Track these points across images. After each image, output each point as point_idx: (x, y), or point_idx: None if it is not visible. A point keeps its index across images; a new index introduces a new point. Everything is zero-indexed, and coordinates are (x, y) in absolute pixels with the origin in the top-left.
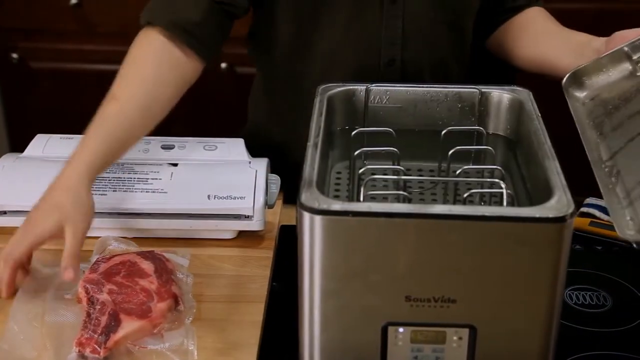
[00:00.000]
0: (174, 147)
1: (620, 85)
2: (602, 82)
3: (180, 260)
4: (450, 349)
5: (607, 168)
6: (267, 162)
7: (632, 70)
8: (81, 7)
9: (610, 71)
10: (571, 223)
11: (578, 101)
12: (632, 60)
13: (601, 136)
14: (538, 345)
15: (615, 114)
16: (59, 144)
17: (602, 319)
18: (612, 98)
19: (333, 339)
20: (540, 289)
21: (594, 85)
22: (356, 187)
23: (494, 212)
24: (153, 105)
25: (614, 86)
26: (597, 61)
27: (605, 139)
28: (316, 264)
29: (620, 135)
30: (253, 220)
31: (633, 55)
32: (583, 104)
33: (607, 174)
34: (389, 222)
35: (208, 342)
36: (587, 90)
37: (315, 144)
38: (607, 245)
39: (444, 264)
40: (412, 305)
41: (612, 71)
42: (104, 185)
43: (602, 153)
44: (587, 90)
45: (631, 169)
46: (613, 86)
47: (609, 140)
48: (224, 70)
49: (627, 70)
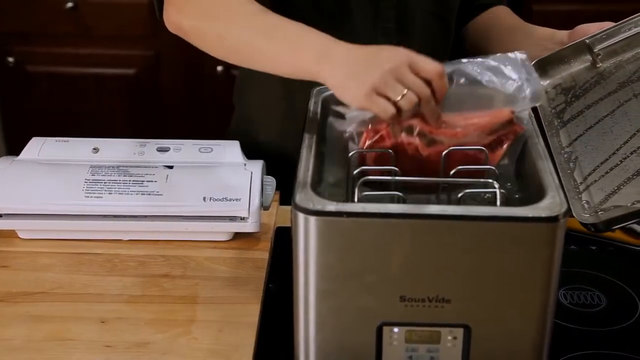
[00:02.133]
0: (170, 150)
1: (581, 75)
2: (564, 72)
3: None
4: (445, 349)
5: (566, 154)
6: (263, 164)
7: (592, 62)
8: (77, 10)
9: (572, 62)
10: (564, 222)
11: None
12: (593, 53)
13: (561, 123)
14: (532, 344)
15: (575, 102)
16: (55, 147)
17: (597, 319)
18: (573, 87)
19: (328, 340)
20: (534, 289)
21: (557, 75)
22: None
23: (488, 212)
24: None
25: (575, 76)
26: (560, 52)
27: (565, 126)
28: (311, 265)
29: (580, 123)
30: (248, 222)
31: (594, 48)
32: (546, 91)
33: (566, 159)
34: (383, 223)
35: (204, 343)
36: (550, 79)
37: (310, 145)
38: (602, 245)
39: (438, 264)
40: (407, 306)
41: (574, 62)
42: (100, 188)
43: (562, 139)
44: (550, 79)
45: (588, 156)
46: (574, 76)
47: (569, 127)
48: (220, 73)
49: (588, 61)
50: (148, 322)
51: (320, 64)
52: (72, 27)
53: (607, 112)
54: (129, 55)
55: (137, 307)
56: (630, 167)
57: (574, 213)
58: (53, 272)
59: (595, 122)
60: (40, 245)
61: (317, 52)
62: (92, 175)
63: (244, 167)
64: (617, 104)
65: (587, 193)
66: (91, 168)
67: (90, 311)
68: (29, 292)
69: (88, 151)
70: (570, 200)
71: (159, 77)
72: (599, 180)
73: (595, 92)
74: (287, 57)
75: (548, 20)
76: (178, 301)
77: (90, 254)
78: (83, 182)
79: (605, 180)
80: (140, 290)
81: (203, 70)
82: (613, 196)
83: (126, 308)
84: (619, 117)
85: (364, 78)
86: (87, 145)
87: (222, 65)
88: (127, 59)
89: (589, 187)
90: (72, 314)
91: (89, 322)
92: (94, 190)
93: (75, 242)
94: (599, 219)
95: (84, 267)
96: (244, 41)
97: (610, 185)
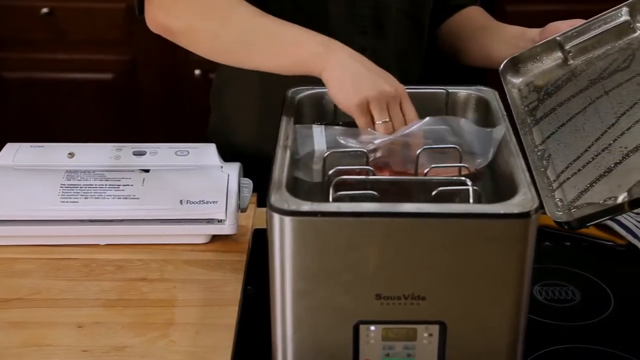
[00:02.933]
0: (146, 153)
1: (552, 73)
2: (536, 70)
3: None
4: (421, 346)
5: (539, 152)
6: (240, 166)
7: (564, 59)
8: (53, 16)
9: (543, 59)
10: (536, 219)
11: (514, 87)
12: (564, 50)
13: (534, 121)
14: (507, 339)
15: (547, 100)
16: (30, 153)
17: (571, 313)
18: (545, 85)
19: (305, 339)
20: (507, 284)
21: (529, 73)
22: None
23: (461, 209)
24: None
25: (547, 74)
26: (532, 50)
27: (537, 124)
28: (287, 265)
29: (552, 120)
30: (226, 224)
31: (565, 45)
32: (519, 89)
33: (539, 157)
34: (357, 222)
35: (182, 346)
36: (523, 76)
37: (285, 146)
38: (576, 241)
39: (413, 262)
40: (383, 304)
41: (546, 59)
42: (75, 193)
43: (535, 137)
44: (523, 76)
45: (561, 153)
46: (546, 74)
47: (542, 125)
48: (198, 76)
49: (560, 58)
50: (126, 326)
51: (323, 59)
52: (48, 33)
53: (579, 109)
54: (106, 60)
55: (115, 312)
56: (602, 164)
57: (547, 211)
58: (30, 278)
59: (568, 119)
60: (16, 251)
61: (320, 46)
62: (67, 180)
63: (221, 169)
64: (589, 100)
65: (560, 191)
66: (67, 173)
67: (67, 316)
68: (6, 299)
69: (63, 156)
70: (544, 199)
71: (136, 82)
72: (572, 177)
73: (567, 90)
74: (289, 50)
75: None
76: (156, 304)
77: (67, 259)
78: (59, 187)
79: (578, 177)
80: (117, 295)
81: (180, 74)
82: (585, 193)
83: (104, 312)
84: (591, 114)
85: (364, 88)
86: (62, 150)
87: (199, 68)
88: (104, 64)
89: (562, 184)
90: (49, 320)
91: (66, 327)
92: (69, 195)
93: (52, 247)
94: (572, 217)
95: (61, 272)
96: (242, 40)
97: (582, 183)
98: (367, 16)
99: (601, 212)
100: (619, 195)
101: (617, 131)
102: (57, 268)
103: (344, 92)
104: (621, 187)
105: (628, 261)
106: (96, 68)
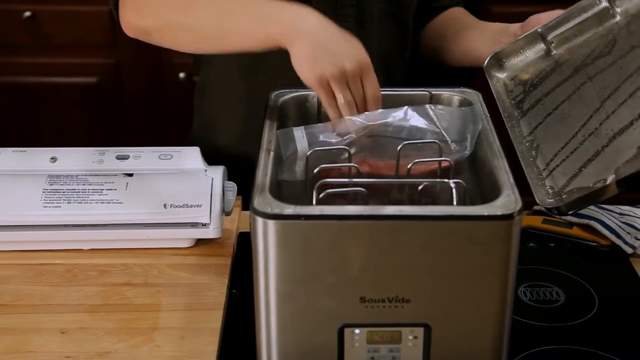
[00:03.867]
0: (129, 157)
1: (536, 65)
2: (520, 63)
3: None
4: (406, 348)
5: (528, 143)
6: (224, 170)
7: (546, 50)
8: (35, 19)
9: (527, 52)
10: (519, 220)
11: (499, 82)
12: (547, 41)
13: (521, 113)
14: (491, 341)
15: (533, 91)
16: (11, 157)
17: (556, 314)
18: (530, 77)
19: (290, 343)
20: (491, 286)
21: (513, 67)
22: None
23: (444, 211)
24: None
25: (531, 66)
26: (514, 44)
27: (525, 116)
28: (271, 268)
29: (539, 111)
30: (210, 228)
31: (547, 36)
32: (504, 84)
33: (528, 148)
34: (341, 225)
35: (166, 350)
36: (507, 71)
37: (268, 149)
38: (560, 242)
39: (397, 264)
40: (367, 307)
41: (529, 52)
42: (58, 198)
43: (523, 129)
44: (507, 71)
45: (549, 142)
46: (530, 66)
47: (529, 116)
48: (182, 80)
49: (543, 50)
50: (109, 331)
51: (291, 34)
52: (30, 37)
53: (565, 97)
54: (89, 64)
55: (99, 317)
56: (589, 148)
57: (538, 200)
58: (12, 284)
59: (554, 108)
60: None
61: (287, 20)
62: (50, 184)
63: (205, 173)
64: (574, 88)
65: (550, 178)
66: (49, 177)
67: (50, 322)
68: None
69: (45, 161)
70: (535, 188)
71: (120, 86)
72: (561, 164)
73: (552, 79)
74: (259, 29)
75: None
76: (140, 309)
77: (50, 264)
78: (41, 192)
79: (567, 164)
80: (101, 300)
81: (164, 77)
82: (575, 179)
83: (87, 318)
84: (576, 101)
85: (323, 64)
86: (44, 154)
87: (183, 71)
88: (88, 68)
89: (552, 172)
90: (32, 326)
91: (49, 333)
92: (52, 200)
93: (35, 252)
94: (562, 202)
95: (44, 278)
96: (213, 26)
97: (572, 169)
98: (349, 14)
99: (590, 195)
100: (608, 177)
101: (603, 115)
102: (39, 273)
103: (304, 67)
104: (609, 168)
105: (612, 262)
106: (80, 72)
